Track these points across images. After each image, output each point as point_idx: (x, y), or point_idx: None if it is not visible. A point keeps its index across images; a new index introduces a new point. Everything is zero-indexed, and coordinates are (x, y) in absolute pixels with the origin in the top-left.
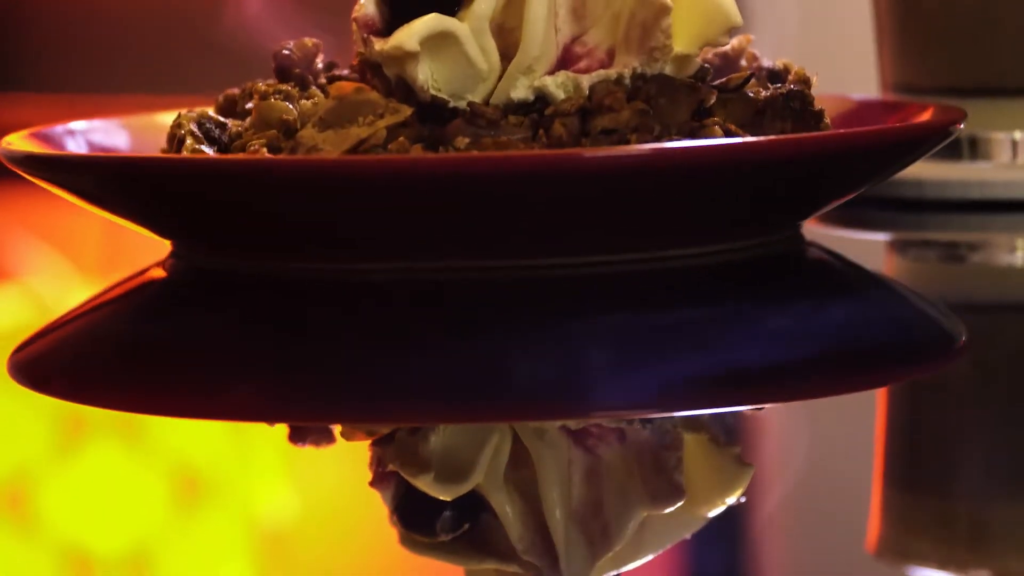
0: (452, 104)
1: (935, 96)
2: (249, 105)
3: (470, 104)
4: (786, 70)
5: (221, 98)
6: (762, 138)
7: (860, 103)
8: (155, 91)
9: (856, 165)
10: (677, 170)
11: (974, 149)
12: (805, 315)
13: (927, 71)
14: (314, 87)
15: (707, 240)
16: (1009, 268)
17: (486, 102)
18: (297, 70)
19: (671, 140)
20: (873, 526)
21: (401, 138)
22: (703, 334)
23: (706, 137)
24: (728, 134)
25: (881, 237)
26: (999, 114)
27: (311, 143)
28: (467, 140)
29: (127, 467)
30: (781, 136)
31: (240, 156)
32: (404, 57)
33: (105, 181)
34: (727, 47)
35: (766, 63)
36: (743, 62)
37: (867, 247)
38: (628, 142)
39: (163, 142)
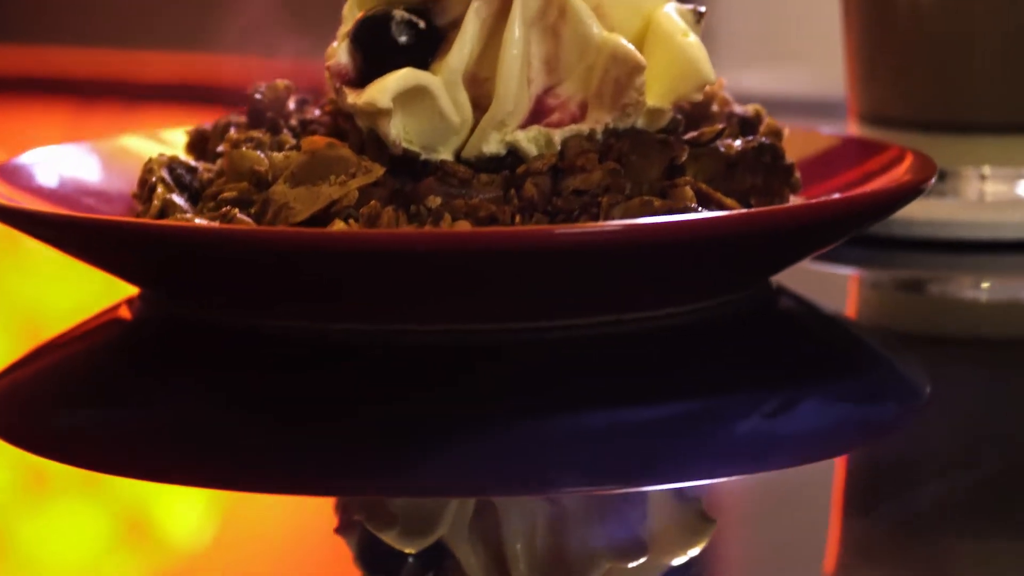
0: (424, 157)
1: (904, 129)
2: (220, 148)
3: (442, 163)
4: (757, 116)
5: (192, 133)
6: (727, 213)
7: (832, 145)
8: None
9: (823, 233)
10: (642, 247)
11: (943, 184)
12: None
13: (897, 103)
14: (286, 130)
15: (670, 303)
16: (973, 304)
17: (458, 154)
18: (269, 114)
19: (642, 200)
20: None
21: (373, 201)
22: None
23: (676, 197)
24: (699, 193)
25: (849, 272)
26: (968, 150)
27: (282, 200)
28: (439, 200)
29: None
30: (746, 212)
31: (208, 225)
32: (377, 113)
33: (72, 240)
34: None
35: (737, 109)
36: (715, 107)
37: (835, 282)
38: (599, 204)
39: (133, 169)
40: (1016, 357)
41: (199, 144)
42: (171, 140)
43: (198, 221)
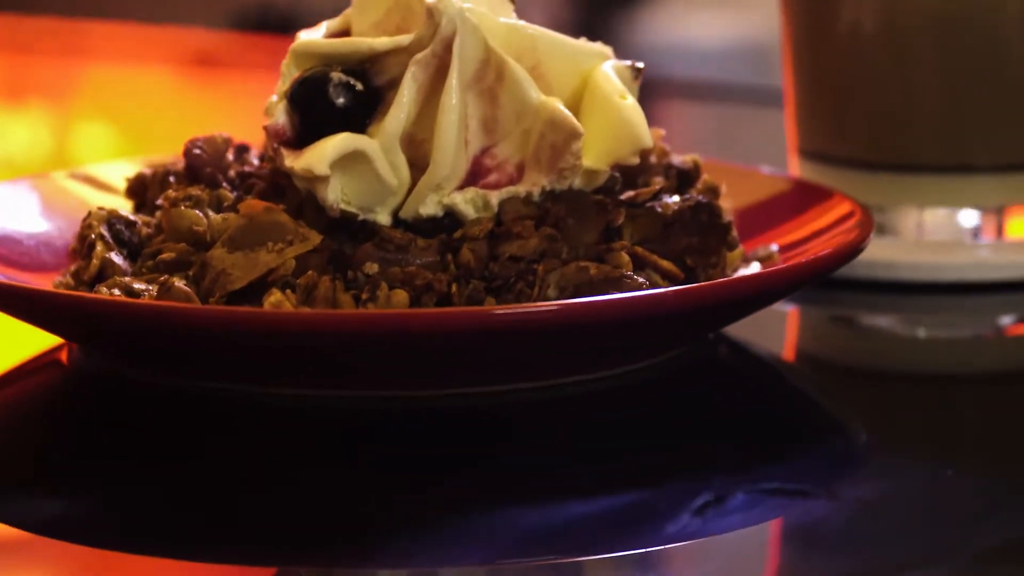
0: (362, 217)
1: (844, 167)
2: (159, 201)
3: (379, 228)
4: (695, 167)
5: (133, 179)
6: (657, 291)
7: (773, 193)
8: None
9: (754, 303)
10: (577, 326)
11: (882, 224)
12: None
13: (837, 142)
14: (225, 183)
15: (610, 365)
16: (912, 343)
17: (396, 215)
18: (208, 169)
19: (578, 266)
20: None
21: (310, 271)
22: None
23: (613, 263)
24: (634, 258)
25: (788, 309)
26: (907, 189)
27: (220, 266)
28: (376, 267)
29: None
30: (677, 290)
31: (145, 302)
32: (314, 179)
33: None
34: None
35: (676, 160)
36: (653, 158)
37: (774, 322)
38: (535, 272)
39: (69, 209)
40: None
41: (139, 190)
42: (108, 179)
43: (136, 286)
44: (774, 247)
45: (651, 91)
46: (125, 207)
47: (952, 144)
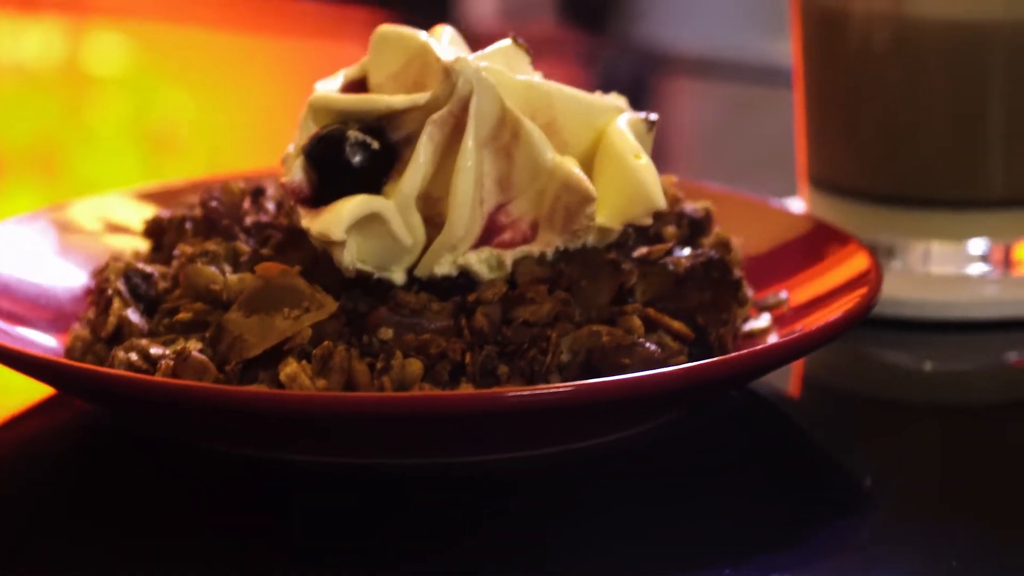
0: (377, 275)
1: (853, 199)
2: (176, 252)
3: (393, 293)
4: (707, 216)
5: (150, 222)
6: (664, 371)
7: (788, 238)
8: None
9: (760, 372)
10: (586, 406)
11: (890, 258)
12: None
13: (847, 173)
14: (241, 234)
15: (619, 430)
16: (919, 376)
17: (410, 272)
18: (225, 221)
19: (590, 331)
20: None
21: (326, 342)
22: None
23: (624, 326)
24: (646, 320)
25: None
26: (916, 223)
27: (237, 331)
28: (390, 332)
29: None
30: (683, 369)
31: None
32: (330, 243)
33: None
34: None
35: (688, 208)
36: (666, 206)
37: None
38: (548, 338)
39: (80, 239)
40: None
41: (157, 232)
42: (126, 218)
43: (153, 350)
44: (784, 294)
45: (663, 69)
46: (142, 243)
47: (963, 178)
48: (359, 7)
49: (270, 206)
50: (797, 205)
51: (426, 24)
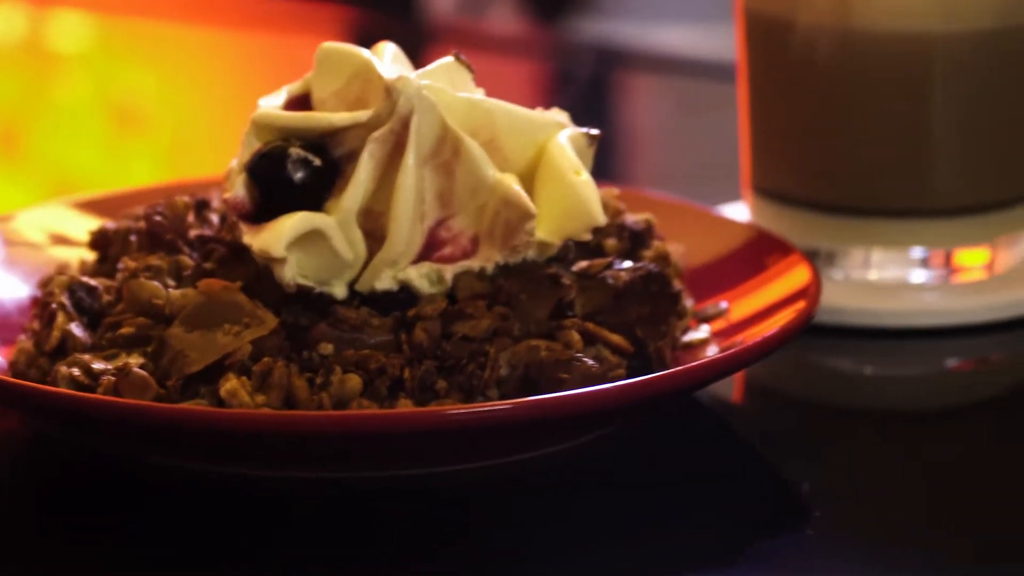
0: (318, 290)
1: (794, 206)
2: (120, 265)
3: (334, 310)
4: (648, 227)
5: (96, 233)
6: (600, 388)
7: (733, 244)
8: None
9: (695, 389)
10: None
11: (830, 266)
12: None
13: (788, 181)
14: (185, 247)
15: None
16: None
17: (352, 287)
18: (168, 236)
19: (529, 345)
20: None
21: (265, 358)
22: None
23: (563, 340)
24: (584, 334)
25: None
26: (857, 232)
27: (178, 346)
28: (331, 347)
29: None
30: (619, 386)
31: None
32: (271, 259)
33: None
34: None
35: (629, 220)
36: (607, 217)
37: None
38: (487, 353)
39: (25, 250)
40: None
41: (102, 244)
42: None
43: (95, 365)
44: (724, 305)
45: (622, 64)
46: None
47: (905, 188)
48: (325, 3)
49: (215, 218)
50: (742, 211)
51: (389, 19)
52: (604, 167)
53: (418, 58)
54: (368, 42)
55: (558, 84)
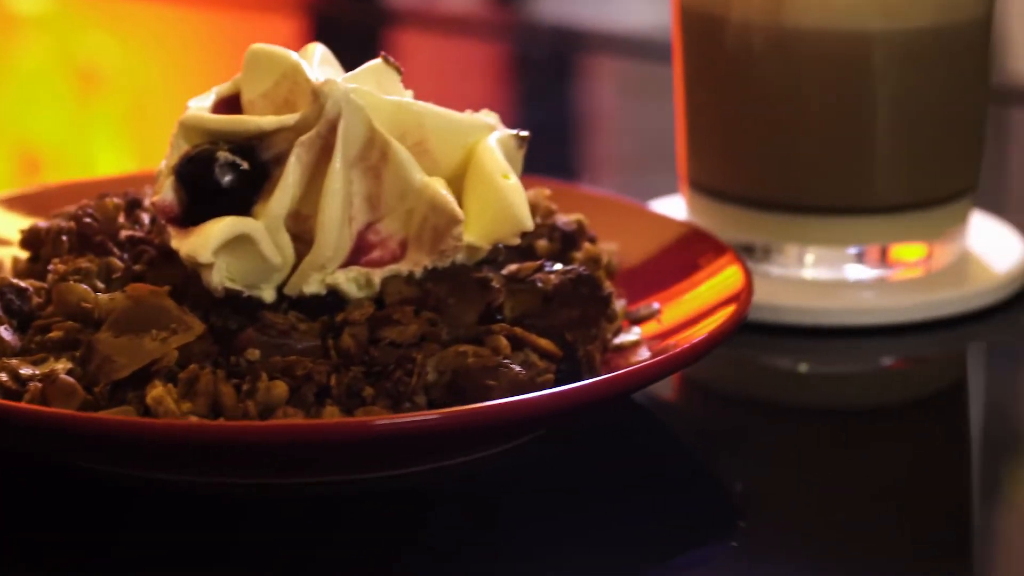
0: (247, 294)
1: (731, 203)
2: (50, 267)
3: (260, 316)
4: (580, 228)
5: (27, 232)
6: (523, 398)
7: (667, 241)
8: None
9: (621, 396)
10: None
11: (767, 264)
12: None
13: (725, 178)
14: (115, 248)
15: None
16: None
17: (280, 290)
18: (98, 238)
19: (456, 351)
20: None
21: (192, 365)
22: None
23: (491, 345)
24: (513, 339)
25: None
26: (794, 229)
27: (106, 351)
28: (257, 353)
29: None
30: (543, 396)
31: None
32: (198, 264)
33: None
34: None
35: (560, 221)
36: (538, 218)
37: None
38: (413, 360)
39: None
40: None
41: (34, 243)
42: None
43: (23, 371)
44: (656, 305)
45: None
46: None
47: (840, 185)
48: None
49: (147, 217)
50: (681, 205)
51: (349, 1)
52: (561, 153)
53: (377, 40)
54: (328, 24)
55: (516, 66)
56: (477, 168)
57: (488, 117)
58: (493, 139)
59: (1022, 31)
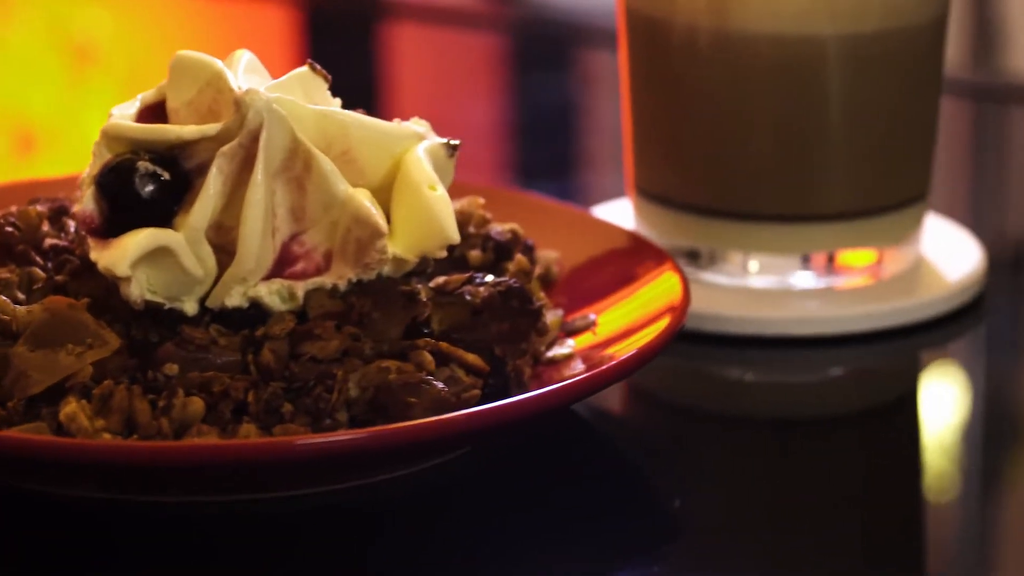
0: (168, 306)
1: (676, 209)
2: None
3: (179, 329)
4: (514, 238)
5: None
6: (440, 419)
7: (606, 250)
8: None
9: (553, 413)
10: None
11: (712, 271)
12: None
13: (671, 184)
14: (38, 257)
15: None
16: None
17: (202, 303)
18: (20, 247)
19: (379, 367)
20: None
21: (107, 381)
22: None
23: (415, 361)
24: (438, 355)
25: None
26: (739, 236)
27: (21, 366)
28: (176, 367)
29: None
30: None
31: None
32: (116, 277)
33: None
34: (455, 210)
35: (494, 231)
36: (471, 227)
37: None
38: (333, 376)
39: None
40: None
41: None
42: None
43: None
44: (592, 316)
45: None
46: None
47: (787, 193)
48: None
49: (73, 225)
50: (624, 211)
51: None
52: (534, 150)
53: (371, 32)
54: (321, 14)
55: (511, 59)
56: (404, 179)
57: (418, 126)
58: (422, 148)
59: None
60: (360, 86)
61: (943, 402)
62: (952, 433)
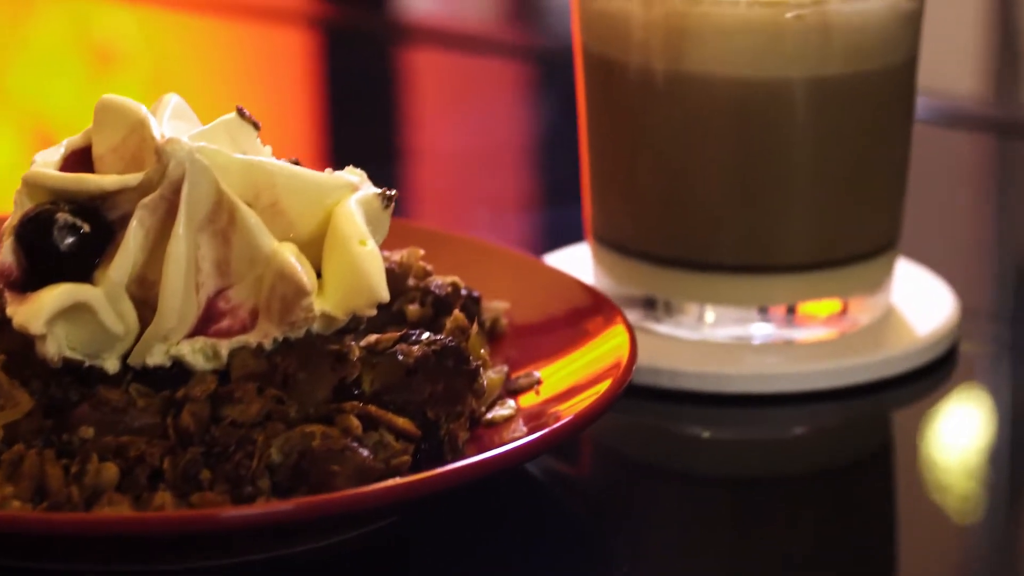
0: (88, 363)
1: (634, 258)
2: None
3: (95, 391)
4: (455, 290)
5: None
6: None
7: (556, 302)
8: None
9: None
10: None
11: (671, 322)
12: None
13: (627, 232)
14: None
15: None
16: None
17: (124, 360)
18: None
19: (303, 432)
20: None
21: (17, 445)
22: None
23: (341, 425)
24: (365, 418)
25: None
26: (697, 287)
27: None
28: (91, 431)
29: None
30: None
31: None
32: (31, 335)
33: None
34: (394, 261)
35: (434, 284)
36: (411, 280)
37: None
38: (254, 441)
39: None
40: None
41: None
42: None
43: None
44: (536, 374)
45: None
46: None
47: (745, 242)
48: None
49: None
50: (581, 257)
51: (360, 14)
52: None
53: (388, 56)
54: (338, 36)
55: (529, 83)
56: (334, 233)
57: (352, 176)
58: (354, 200)
59: None
60: (378, 108)
61: (911, 463)
62: (922, 495)
